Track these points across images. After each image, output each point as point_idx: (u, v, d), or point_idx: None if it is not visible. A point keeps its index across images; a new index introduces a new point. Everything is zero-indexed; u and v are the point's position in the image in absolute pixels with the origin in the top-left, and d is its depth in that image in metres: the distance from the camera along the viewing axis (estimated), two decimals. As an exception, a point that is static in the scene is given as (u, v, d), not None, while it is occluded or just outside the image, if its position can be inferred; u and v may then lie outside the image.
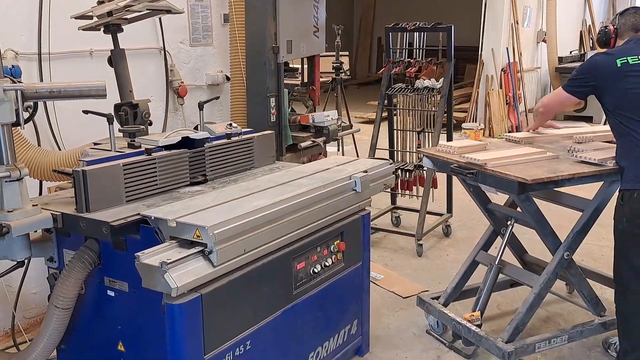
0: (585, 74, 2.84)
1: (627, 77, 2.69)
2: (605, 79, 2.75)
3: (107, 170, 2.28)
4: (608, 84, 2.73)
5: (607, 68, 2.74)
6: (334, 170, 2.93)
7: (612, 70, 2.72)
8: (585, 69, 2.87)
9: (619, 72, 2.70)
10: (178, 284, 1.94)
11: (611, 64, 2.73)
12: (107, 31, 2.81)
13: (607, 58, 2.77)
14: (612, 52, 2.82)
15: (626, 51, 2.77)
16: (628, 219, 2.61)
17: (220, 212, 2.22)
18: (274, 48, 3.78)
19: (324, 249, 2.70)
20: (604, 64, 2.76)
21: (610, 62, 2.74)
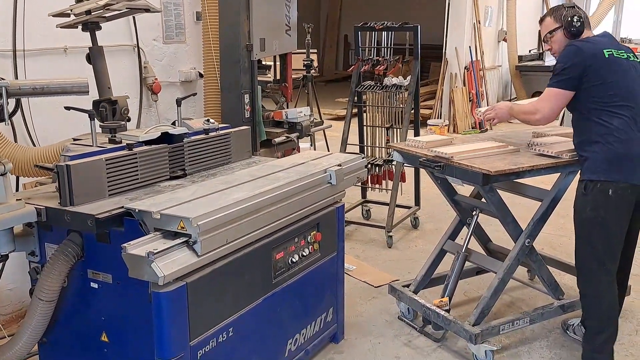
0: (571, 61, 2.72)
1: (612, 68, 2.70)
2: (590, 66, 2.70)
3: (90, 165, 2.34)
4: (592, 72, 2.69)
5: (593, 56, 2.70)
6: (309, 164, 3.03)
7: (599, 59, 2.70)
8: (570, 56, 2.74)
9: (606, 62, 2.70)
10: (164, 272, 2.01)
11: (598, 53, 2.71)
12: (85, 29, 2.85)
13: (591, 46, 2.74)
14: (592, 40, 2.80)
15: (607, 44, 2.78)
16: (592, 208, 2.69)
17: (203, 204, 2.31)
18: (248, 46, 3.86)
19: (301, 239, 2.81)
20: (590, 52, 2.72)
21: (596, 50, 2.72)
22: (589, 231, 2.75)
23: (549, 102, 2.79)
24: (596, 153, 2.70)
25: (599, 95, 2.70)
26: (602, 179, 2.67)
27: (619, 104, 2.69)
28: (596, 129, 2.71)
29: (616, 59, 2.74)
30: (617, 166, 2.66)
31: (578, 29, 2.83)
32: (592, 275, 2.80)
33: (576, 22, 2.83)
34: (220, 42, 3.92)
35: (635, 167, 2.68)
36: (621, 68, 2.74)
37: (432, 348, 3.21)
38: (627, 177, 2.67)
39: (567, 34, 2.86)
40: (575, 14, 2.84)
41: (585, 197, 2.72)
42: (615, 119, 2.68)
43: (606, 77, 2.70)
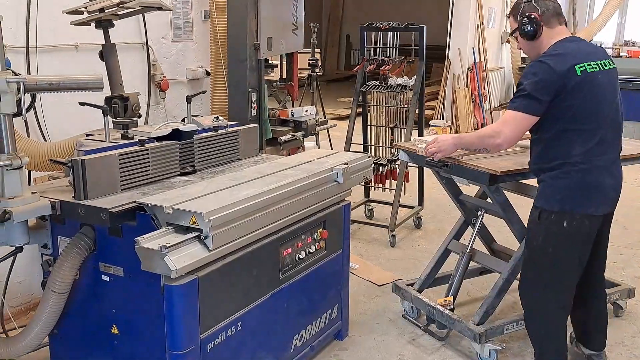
0: (541, 83, 2.43)
1: (583, 90, 2.44)
2: (560, 88, 2.42)
3: (104, 160, 2.38)
4: (561, 94, 2.43)
5: (564, 76, 2.42)
6: (316, 162, 3.07)
7: (571, 79, 2.42)
8: (539, 76, 2.43)
9: (577, 83, 2.43)
10: (177, 266, 2.06)
11: (570, 71, 2.42)
12: (98, 26, 2.89)
13: (562, 62, 2.43)
14: (564, 52, 2.47)
15: (580, 56, 2.47)
16: (544, 238, 2.58)
17: (214, 200, 2.35)
18: (255, 45, 3.90)
19: (308, 236, 2.85)
20: (562, 70, 2.42)
21: (568, 67, 2.42)
22: (538, 259, 2.64)
23: (512, 125, 2.50)
24: (553, 180, 2.53)
25: (564, 119, 2.47)
26: (556, 210, 2.52)
27: (584, 129, 2.48)
28: (556, 155, 2.51)
29: (589, 75, 2.45)
30: (574, 197, 2.50)
31: (529, 33, 2.53)
32: (538, 299, 2.71)
33: (525, 24, 2.52)
34: (228, 40, 3.95)
35: (594, 197, 2.52)
36: (592, 88, 2.47)
37: (436, 347, 3.25)
38: (585, 208, 2.51)
39: (522, 36, 2.57)
40: (528, 11, 2.52)
41: (538, 225, 2.58)
42: (577, 147, 2.48)
43: (574, 101, 2.44)
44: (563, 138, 2.49)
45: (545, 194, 2.57)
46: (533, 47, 2.60)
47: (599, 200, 2.55)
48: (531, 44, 2.59)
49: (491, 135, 2.60)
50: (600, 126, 2.51)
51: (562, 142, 2.50)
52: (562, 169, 2.51)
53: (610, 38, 12.58)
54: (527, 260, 2.74)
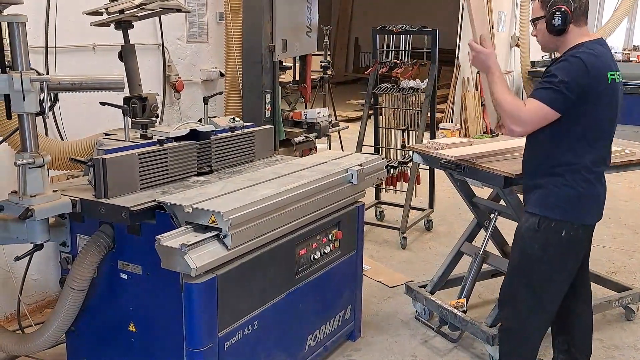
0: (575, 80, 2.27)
1: (610, 99, 2.36)
2: (590, 92, 2.29)
3: (124, 159, 2.41)
4: (589, 99, 2.30)
5: (597, 80, 2.30)
6: (331, 163, 3.09)
7: (602, 85, 2.31)
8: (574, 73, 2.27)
9: (606, 90, 2.32)
10: (197, 264, 2.08)
11: (603, 77, 2.31)
12: (118, 27, 2.92)
13: (598, 65, 2.31)
14: (598, 55, 2.33)
15: (611, 61, 2.37)
16: (541, 247, 2.45)
17: (233, 199, 2.37)
18: (270, 47, 3.92)
19: (323, 237, 2.87)
20: (596, 73, 2.29)
21: (602, 72, 2.32)
22: (531, 267, 2.51)
23: (536, 118, 2.33)
24: (556, 188, 2.40)
25: (584, 125, 2.35)
26: (557, 218, 2.41)
27: (597, 138, 2.40)
28: (564, 160, 2.39)
29: (616, 85, 2.38)
30: (576, 206, 2.41)
31: (558, 28, 2.35)
32: (523, 309, 2.57)
33: (558, 18, 2.33)
34: (243, 42, 3.98)
35: (592, 207, 2.46)
36: (615, 98, 2.39)
37: (449, 348, 3.26)
38: (583, 217, 2.44)
39: (548, 29, 2.39)
40: (561, 3, 2.34)
41: (537, 233, 2.45)
42: (588, 155, 2.38)
43: (598, 107, 2.34)
44: (578, 144, 2.37)
45: (544, 201, 2.43)
46: (553, 40, 2.43)
47: (595, 211, 2.49)
48: (553, 38, 2.41)
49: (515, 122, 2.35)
50: (610, 137, 2.48)
51: (576, 148, 2.38)
52: (569, 176, 2.39)
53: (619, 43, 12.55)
54: (517, 269, 2.57)
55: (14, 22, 2.13)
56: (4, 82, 2.12)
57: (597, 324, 3.40)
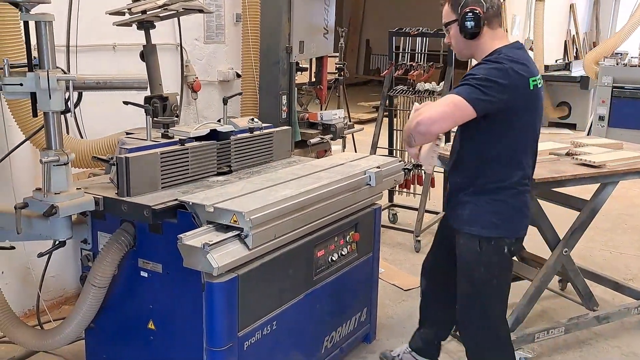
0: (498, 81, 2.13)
1: (533, 105, 2.24)
2: (515, 101, 2.17)
3: (147, 158, 2.42)
4: (516, 109, 2.20)
5: (518, 87, 2.17)
6: (349, 165, 3.10)
7: (524, 93, 2.18)
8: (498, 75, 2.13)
9: (529, 97, 2.20)
10: (219, 264, 2.09)
11: (525, 85, 2.19)
12: (140, 27, 2.94)
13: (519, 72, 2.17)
14: (518, 60, 2.19)
15: (530, 64, 2.23)
16: (486, 268, 2.36)
17: (253, 199, 2.38)
18: (288, 48, 3.93)
19: (341, 238, 2.87)
20: (518, 81, 2.16)
21: (524, 79, 2.18)
22: (483, 292, 2.42)
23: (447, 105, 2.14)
24: (488, 204, 2.31)
25: (510, 136, 2.24)
26: (494, 236, 2.32)
27: (526, 151, 2.31)
28: (494, 177, 2.29)
29: (538, 91, 2.25)
30: (511, 220, 2.34)
31: (472, 31, 2.22)
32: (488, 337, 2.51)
33: (469, 21, 2.19)
34: (261, 43, 3.99)
35: (523, 218, 2.39)
36: (538, 105, 2.28)
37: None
38: (518, 230, 2.39)
39: (461, 33, 2.25)
40: (472, 5, 2.20)
41: (480, 256, 2.34)
42: (518, 171, 2.30)
43: (525, 116, 2.21)
44: (506, 160, 2.27)
45: (481, 219, 2.32)
46: (468, 46, 2.30)
47: (526, 221, 2.42)
48: (468, 43, 2.28)
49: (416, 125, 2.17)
50: (536, 143, 2.37)
51: (503, 166, 2.27)
52: (497, 195, 2.29)
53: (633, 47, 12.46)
54: (471, 296, 2.45)
55: (41, 21, 2.15)
56: (31, 80, 2.15)
57: (615, 331, 3.40)
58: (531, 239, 3.77)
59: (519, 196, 2.34)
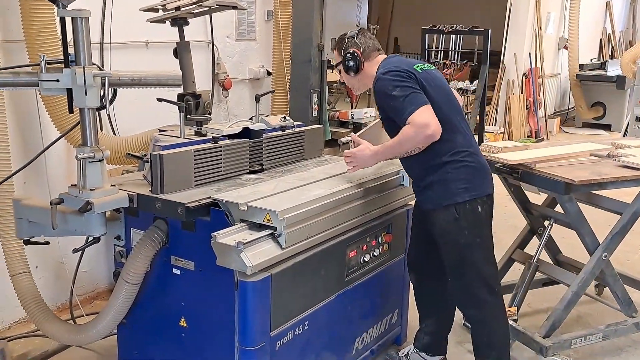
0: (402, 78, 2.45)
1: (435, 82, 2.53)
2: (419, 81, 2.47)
3: (180, 155, 2.42)
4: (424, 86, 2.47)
5: (413, 72, 2.47)
6: (382, 164, 3.05)
7: (418, 75, 2.48)
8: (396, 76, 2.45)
9: (425, 77, 2.49)
10: (252, 262, 2.07)
11: (412, 70, 2.49)
12: (174, 24, 2.94)
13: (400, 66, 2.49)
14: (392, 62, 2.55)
15: (409, 61, 2.60)
16: (469, 231, 2.51)
17: (286, 198, 2.36)
18: (319, 45, 3.91)
19: (373, 239, 2.83)
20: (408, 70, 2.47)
21: (410, 68, 2.49)
22: (472, 256, 2.55)
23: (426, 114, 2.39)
24: (451, 173, 2.50)
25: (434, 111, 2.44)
26: (467, 199, 2.49)
27: (454, 119, 2.52)
28: (443, 149, 2.48)
29: (430, 72, 2.56)
30: (476, 180, 2.53)
31: (355, 66, 2.60)
32: (486, 303, 2.62)
33: (349, 59, 2.59)
34: (293, 41, 3.98)
35: (486, 177, 2.58)
36: (440, 81, 2.58)
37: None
38: (485, 188, 2.55)
39: (346, 71, 2.64)
40: (354, 47, 2.60)
41: (459, 222, 2.50)
42: (458, 135, 2.52)
43: (432, 91, 2.48)
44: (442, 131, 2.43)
45: (450, 189, 2.50)
46: (356, 80, 2.68)
47: (489, 179, 2.60)
48: (355, 78, 2.67)
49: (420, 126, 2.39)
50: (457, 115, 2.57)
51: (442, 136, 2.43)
52: (455, 160, 2.49)
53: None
54: (460, 264, 2.58)
55: (77, 17, 2.16)
56: (67, 76, 2.15)
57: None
58: (566, 242, 3.69)
59: (472, 156, 2.53)
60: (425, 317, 2.96)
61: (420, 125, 2.39)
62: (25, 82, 2.20)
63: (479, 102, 4.64)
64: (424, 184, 2.58)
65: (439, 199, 2.54)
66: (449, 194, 2.51)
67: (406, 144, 2.47)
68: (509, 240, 3.58)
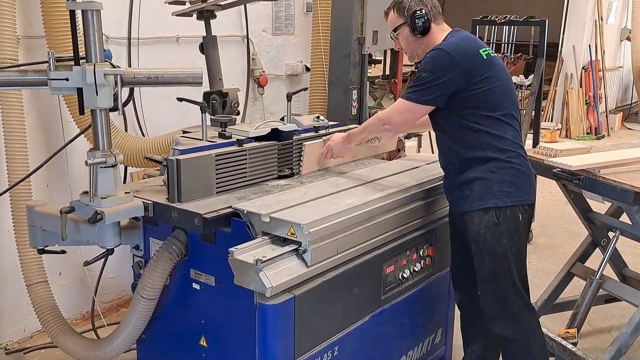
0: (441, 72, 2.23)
1: (495, 70, 2.29)
2: (468, 72, 2.23)
3: (200, 160, 2.21)
4: (472, 78, 2.24)
5: (469, 59, 2.25)
6: (424, 169, 2.79)
7: (478, 62, 2.26)
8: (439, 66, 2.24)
9: (485, 64, 2.27)
10: (273, 283, 1.84)
11: (475, 55, 2.27)
12: (200, 17, 2.75)
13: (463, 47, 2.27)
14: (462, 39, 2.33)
15: (476, 42, 2.37)
16: (507, 238, 2.29)
17: (314, 209, 2.12)
18: (360, 38, 3.64)
19: (414, 253, 2.56)
20: (464, 55, 2.25)
21: (472, 51, 2.28)
22: (508, 266, 2.31)
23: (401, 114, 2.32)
24: (495, 173, 2.27)
25: (488, 101, 2.27)
26: (510, 204, 2.27)
27: (507, 112, 2.31)
28: (490, 143, 2.27)
29: (493, 59, 2.34)
30: (520, 186, 2.30)
31: (423, 25, 2.35)
32: (521, 316, 2.38)
33: (419, 17, 2.33)
34: (332, 34, 3.72)
35: (531, 184, 2.37)
36: (503, 70, 2.38)
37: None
38: (528, 195, 2.34)
39: (413, 32, 2.38)
40: (420, 5, 2.36)
41: (498, 228, 2.27)
42: (508, 130, 2.30)
43: (491, 80, 2.27)
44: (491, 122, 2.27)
45: (492, 191, 2.27)
46: (419, 43, 2.41)
47: (533, 188, 2.40)
48: (419, 42, 2.40)
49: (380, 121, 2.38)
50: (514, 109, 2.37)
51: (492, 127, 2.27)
52: (502, 159, 2.27)
53: None
54: (496, 275, 2.33)
55: (87, 9, 1.97)
56: (77, 75, 1.98)
57: None
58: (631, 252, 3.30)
59: (522, 159, 2.32)
60: (469, 342, 2.67)
61: (382, 119, 2.37)
62: (34, 81, 2.05)
63: (534, 98, 4.26)
64: (461, 180, 2.33)
65: (477, 200, 2.29)
66: (490, 195, 2.27)
67: (367, 131, 2.47)
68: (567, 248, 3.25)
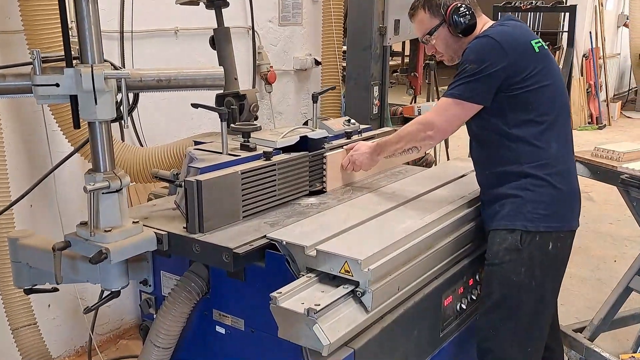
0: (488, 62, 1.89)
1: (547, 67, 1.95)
2: (515, 65, 1.89)
3: (225, 180, 1.81)
4: (520, 73, 1.91)
5: (519, 51, 1.91)
6: (471, 177, 2.41)
7: (528, 55, 1.92)
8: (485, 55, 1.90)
9: (537, 58, 1.94)
10: (330, 339, 1.46)
11: (526, 47, 1.93)
12: (210, 6, 2.33)
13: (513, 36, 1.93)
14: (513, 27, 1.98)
15: (528, 32, 2.02)
16: (527, 268, 1.97)
17: (367, 237, 1.74)
18: (381, 29, 3.26)
19: (470, 278, 2.19)
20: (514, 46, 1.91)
21: (522, 42, 1.94)
22: (519, 299, 1.99)
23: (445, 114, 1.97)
24: (530, 191, 1.95)
25: (534, 104, 1.94)
26: (541, 230, 1.95)
27: (555, 118, 1.97)
28: (530, 155, 1.95)
29: (547, 53, 2.00)
30: (557, 209, 1.97)
31: (466, 23, 2.00)
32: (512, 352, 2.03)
33: (461, 14, 1.98)
34: (349, 25, 3.34)
35: (574, 208, 2.04)
36: (557, 67, 2.04)
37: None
38: (569, 222, 2.02)
39: (454, 32, 2.03)
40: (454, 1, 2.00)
41: (520, 253, 1.96)
42: (553, 141, 1.97)
43: (541, 79, 1.93)
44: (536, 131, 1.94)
45: (523, 211, 1.95)
46: (462, 45, 2.03)
47: (576, 213, 2.06)
48: (461, 42, 2.04)
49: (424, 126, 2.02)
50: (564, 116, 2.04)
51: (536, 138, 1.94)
52: (540, 176, 1.94)
53: None
54: (498, 305, 2.01)
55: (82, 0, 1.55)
56: (69, 78, 1.56)
57: None
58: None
59: (565, 177, 1.98)
60: None
61: (424, 123, 2.02)
62: (15, 88, 1.62)
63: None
64: (492, 195, 2.03)
65: (505, 219, 1.98)
66: (520, 216, 1.96)
67: (404, 140, 2.10)
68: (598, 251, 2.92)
